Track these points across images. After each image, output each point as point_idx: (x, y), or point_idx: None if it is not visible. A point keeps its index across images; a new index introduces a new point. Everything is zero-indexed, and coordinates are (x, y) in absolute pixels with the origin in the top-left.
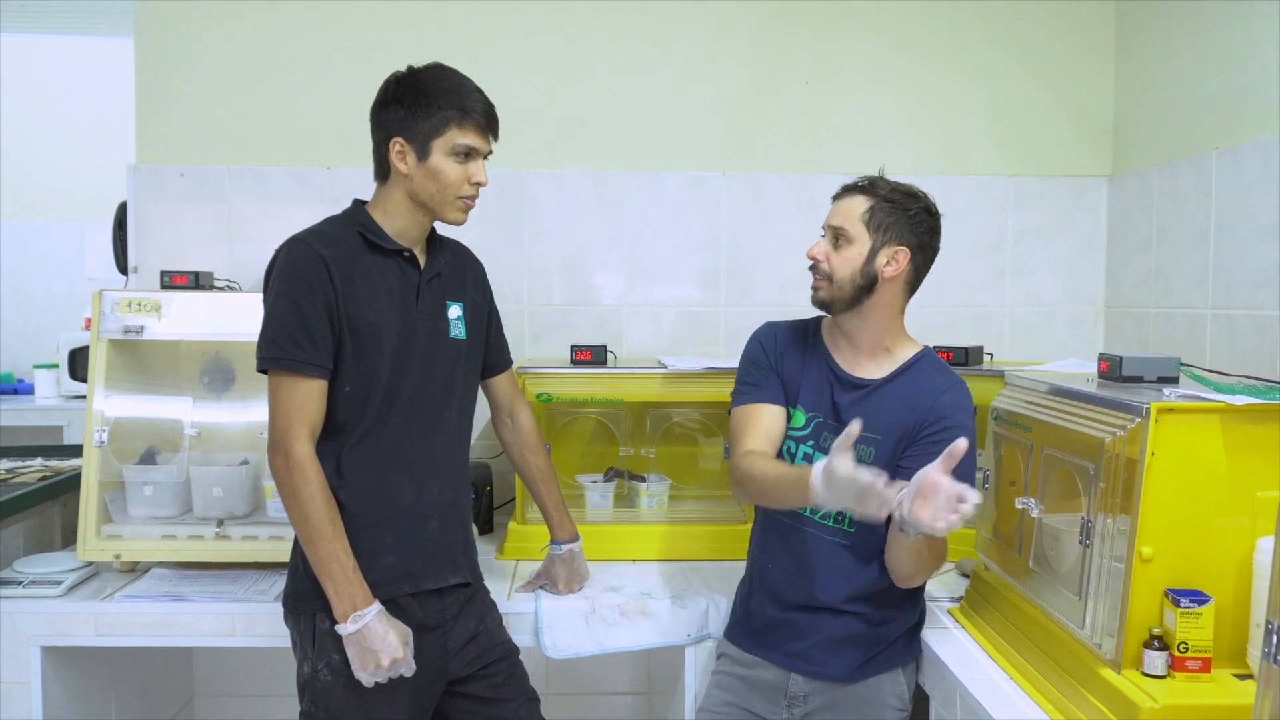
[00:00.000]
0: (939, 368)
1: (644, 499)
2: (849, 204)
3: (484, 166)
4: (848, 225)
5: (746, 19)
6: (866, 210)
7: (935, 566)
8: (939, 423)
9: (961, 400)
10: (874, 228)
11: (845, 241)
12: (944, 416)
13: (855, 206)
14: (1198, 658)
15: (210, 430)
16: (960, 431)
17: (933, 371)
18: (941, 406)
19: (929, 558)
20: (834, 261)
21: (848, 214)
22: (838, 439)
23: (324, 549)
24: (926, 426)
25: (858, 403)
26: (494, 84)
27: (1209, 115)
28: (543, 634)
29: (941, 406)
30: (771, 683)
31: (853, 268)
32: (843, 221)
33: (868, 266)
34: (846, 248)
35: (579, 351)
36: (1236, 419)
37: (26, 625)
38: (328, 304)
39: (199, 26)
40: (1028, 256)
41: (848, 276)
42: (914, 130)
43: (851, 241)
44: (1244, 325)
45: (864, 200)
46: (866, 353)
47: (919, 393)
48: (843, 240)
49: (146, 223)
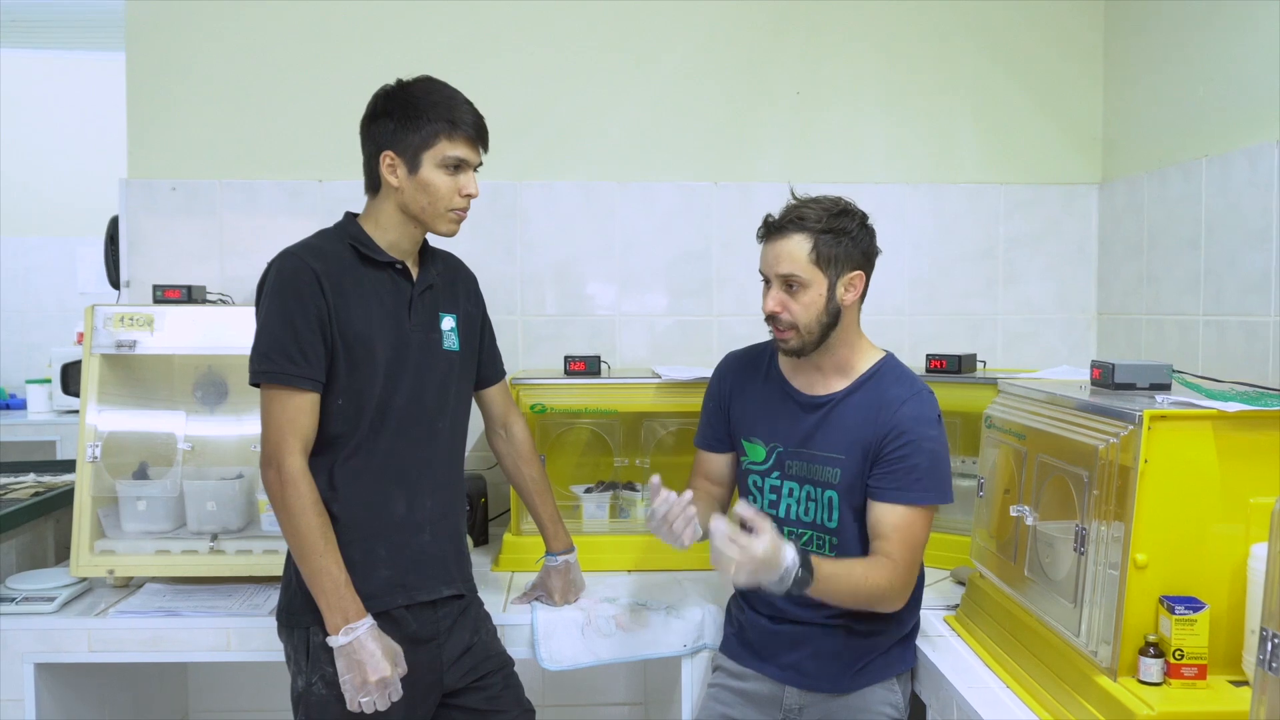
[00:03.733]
0: (899, 376)
1: (638, 509)
2: (787, 247)
3: (474, 178)
4: (797, 270)
5: (736, 30)
6: (810, 250)
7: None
8: (900, 438)
9: (922, 410)
10: (824, 264)
11: (799, 287)
12: (904, 430)
13: (797, 249)
14: (1193, 664)
15: (204, 444)
16: (921, 443)
17: (893, 381)
18: (900, 420)
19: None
20: (794, 310)
21: (792, 259)
22: None
23: (315, 562)
24: (888, 442)
25: (821, 422)
26: (485, 96)
27: (1198, 122)
28: (538, 645)
29: (900, 420)
30: (766, 695)
31: (816, 310)
32: (790, 269)
33: (830, 304)
34: (803, 293)
35: (573, 362)
36: (1229, 426)
37: (19, 642)
38: (319, 317)
39: (190, 41)
40: (1019, 264)
41: (814, 319)
42: (904, 139)
43: (806, 286)
44: (1235, 331)
45: (803, 240)
46: (829, 372)
47: (880, 404)
48: (796, 286)
49: (138, 237)
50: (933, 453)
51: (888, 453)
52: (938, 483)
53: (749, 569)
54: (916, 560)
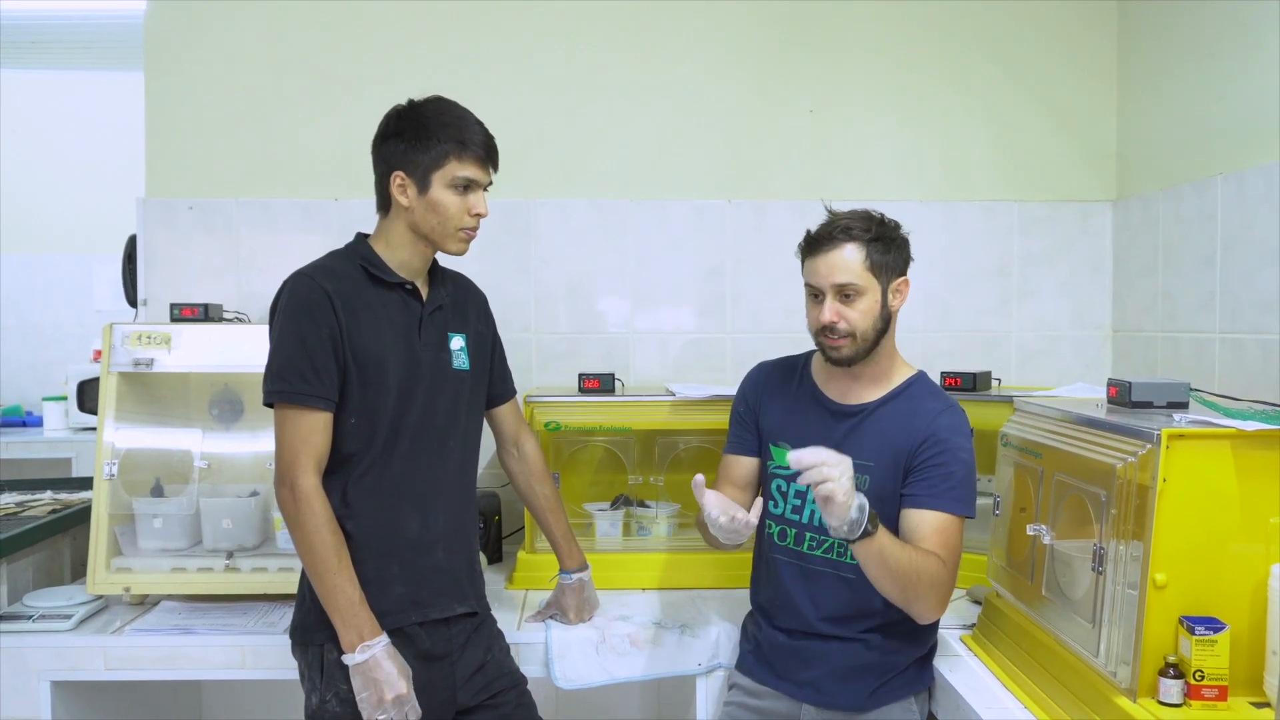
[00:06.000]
0: (933, 391)
1: (651, 526)
2: (841, 257)
3: (484, 198)
4: (854, 279)
5: (749, 47)
6: (864, 259)
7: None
8: (936, 445)
9: (956, 422)
10: (877, 272)
11: (856, 295)
12: (940, 440)
13: (851, 258)
14: (1214, 686)
15: (220, 462)
16: (956, 453)
17: (926, 395)
18: (937, 429)
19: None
20: (852, 318)
21: (848, 268)
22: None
23: (329, 580)
24: (924, 449)
25: (852, 431)
26: (498, 114)
27: (1212, 139)
28: (553, 664)
29: (937, 429)
30: (783, 713)
31: (872, 317)
32: (848, 277)
33: (884, 310)
34: (859, 300)
35: (587, 380)
36: (1248, 444)
37: (36, 660)
38: (332, 337)
39: (207, 61)
40: (1033, 281)
41: (870, 326)
42: (918, 156)
43: (863, 293)
44: (1252, 350)
45: (856, 249)
46: (866, 382)
47: (913, 415)
48: (853, 295)
49: (155, 255)
50: (966, 463)
51: (923, 460)
52: (969, 494)
53: (849, 474)
54: (958, 566)
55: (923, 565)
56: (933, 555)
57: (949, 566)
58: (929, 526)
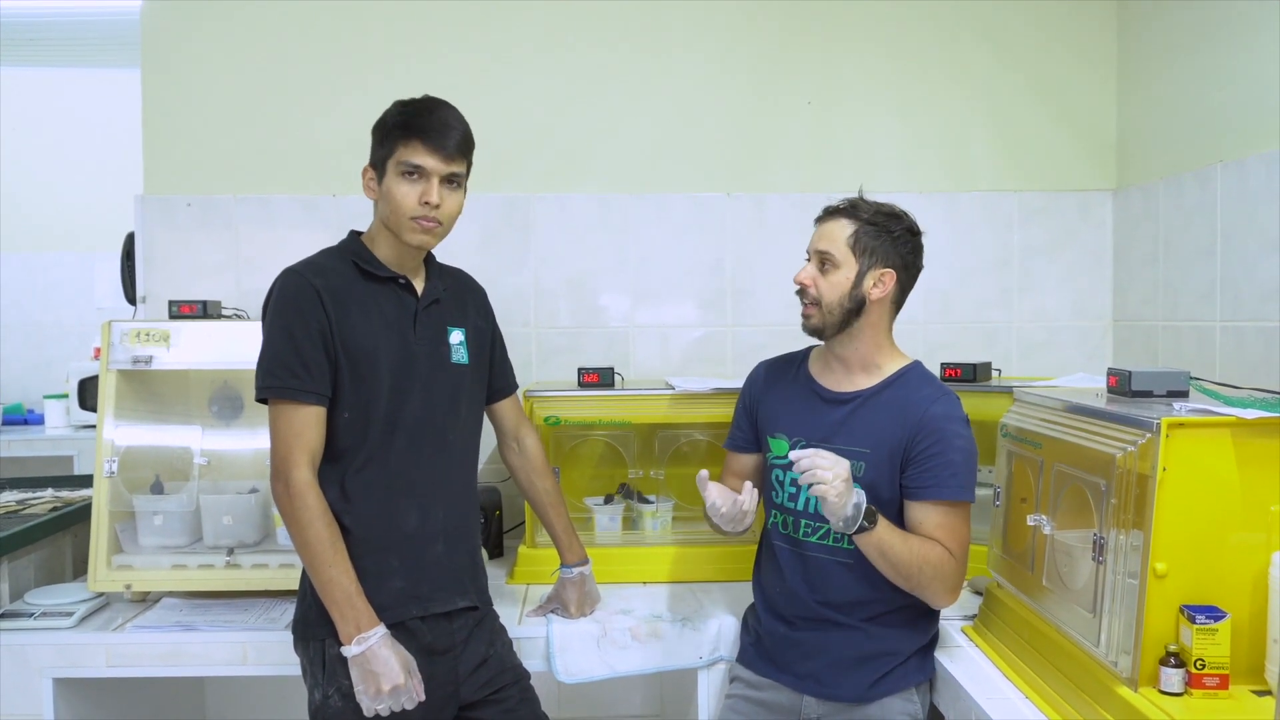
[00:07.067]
0: (927, 379)
1: (648, 520)
2: (833, 228)
3: (437, 187)
4: (833, 250)
5: (748, 41)
6: (851, 234)
7: (909, 580)
8: (932, 434)
9: (951, 410)
10: (859, 251)
11: (832, 266)
12: (936, 429)
13: (839, 231)
14: (1215, 674)
15: (220, 458)
16: (953, 440)
17: (920, 383)
18: (931, 418)
19: (883, 568)
20: (821, 286)
21: (832, 238)
22: None
23: (325, 573)
24: (920, 439)
25: (847, 418)
26: (497, 109)
27: (1212, 128)
28: (554, 658)
29: (931, 418)
30: (785, 705)
31: (840, 292)
32: (828, 246)
33: (855, 290)
34: (833, 272)
35: (587, 374)
36: (1248, 433)
37: (38, 657)
38: (322, 332)
39: (205, 58)
40: (1034, 272)
41: (836, 301)
42: (917, 148)
43: (838, 266)
44: (1253, 338)
45: (848, 224)
46: (856, 370)
47: (908, 404)
48: (829, 265)
49: (154, 253)
50: (964, 450)
51: (920, 450)
52: (970, 481)
53: (843, 476)
54: (967, 552)
55: (925, 556)
56: (937, 545)
57: (956, 555)
58: (933, 517)
